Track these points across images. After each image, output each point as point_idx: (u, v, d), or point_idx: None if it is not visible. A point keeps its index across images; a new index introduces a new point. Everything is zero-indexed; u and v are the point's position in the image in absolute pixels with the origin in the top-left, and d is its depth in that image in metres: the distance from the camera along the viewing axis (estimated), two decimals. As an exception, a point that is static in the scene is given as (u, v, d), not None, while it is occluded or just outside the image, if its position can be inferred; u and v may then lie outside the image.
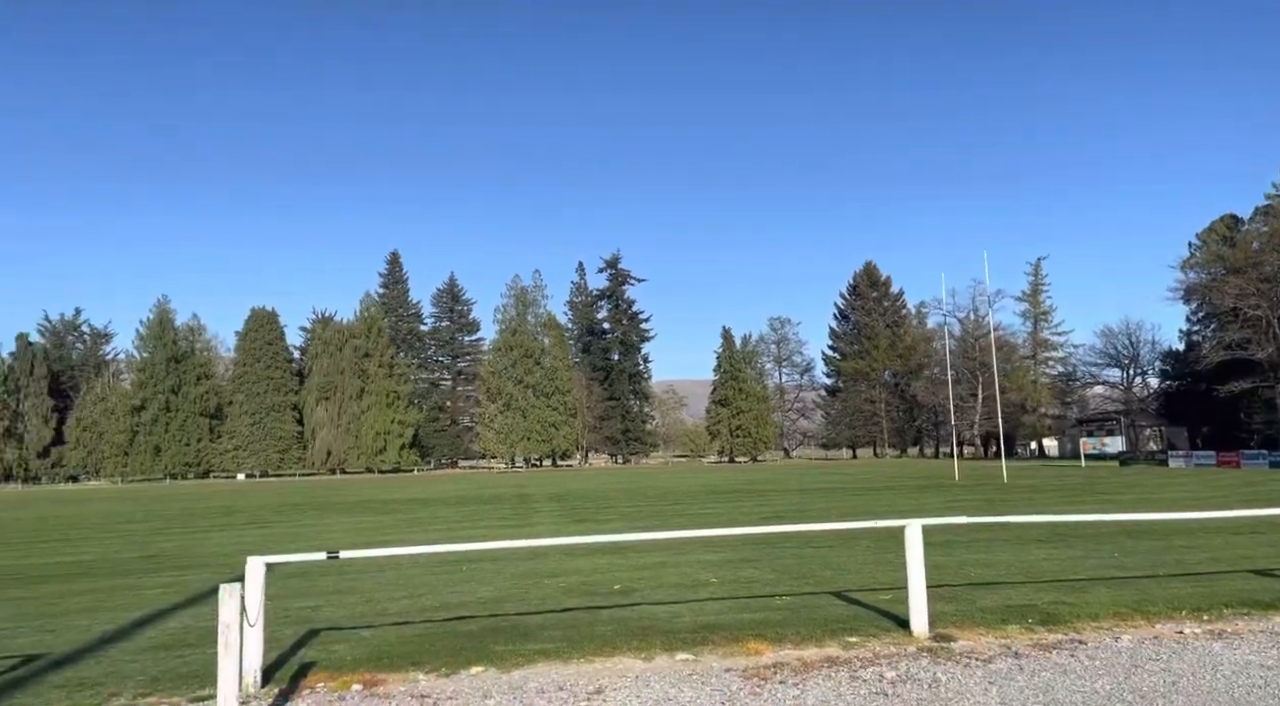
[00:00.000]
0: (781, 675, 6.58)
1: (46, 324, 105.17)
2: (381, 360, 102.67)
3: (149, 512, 32.38)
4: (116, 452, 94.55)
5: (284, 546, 17.83)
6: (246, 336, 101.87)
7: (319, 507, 32.20)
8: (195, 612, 10.11)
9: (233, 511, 31.27)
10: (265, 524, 24.81)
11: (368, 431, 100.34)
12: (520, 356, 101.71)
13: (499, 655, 7.36)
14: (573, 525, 20.81)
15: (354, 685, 6.66)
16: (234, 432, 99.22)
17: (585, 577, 11.65)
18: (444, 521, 23.67)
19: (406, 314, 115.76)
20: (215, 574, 13.76)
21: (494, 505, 30.06)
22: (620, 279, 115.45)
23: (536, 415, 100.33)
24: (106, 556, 17.09)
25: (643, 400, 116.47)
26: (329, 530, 21.83)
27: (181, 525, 25.32)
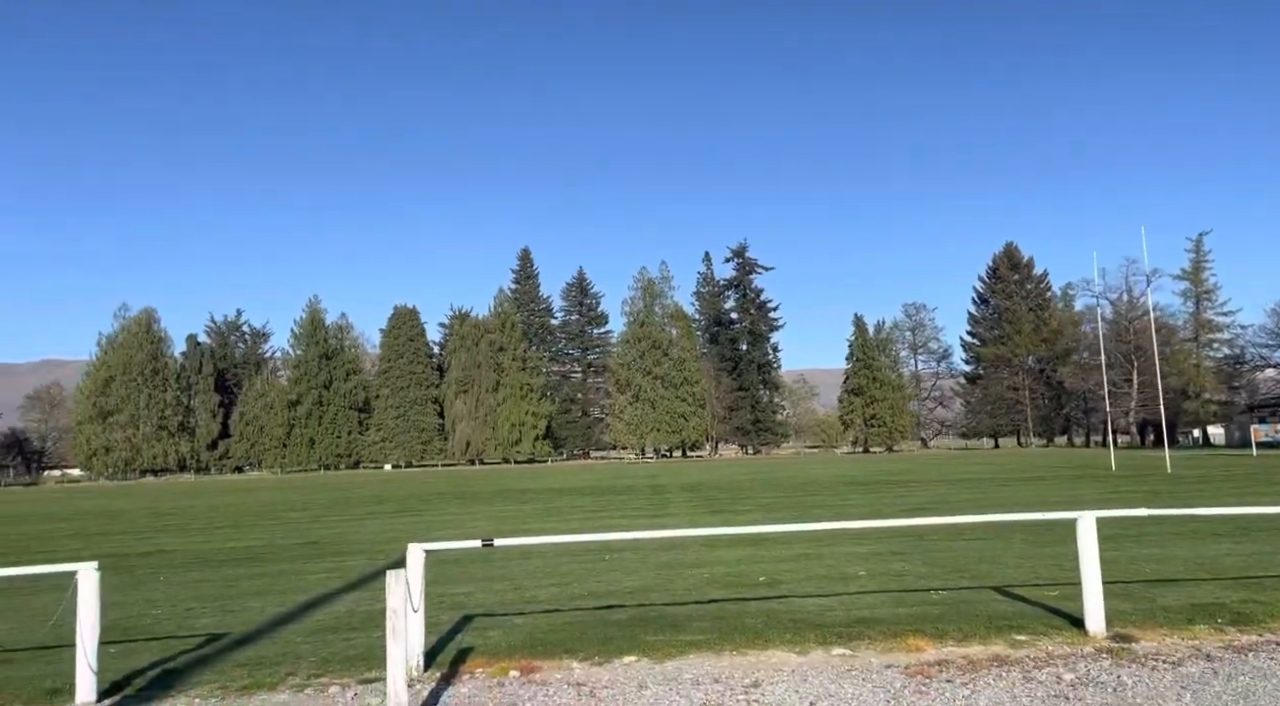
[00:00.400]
0: (947, 673, 6.27)
1: (212, 325, 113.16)
2: (515, 354, 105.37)
3: (306, 501, 34.29)
4: (275, 445, 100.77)
5: (433, 534, 18.50)
6: (390, 333, 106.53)
7: (461, 497, 33.29)
8: (356, 597, 10.56)
9: (382, 500, 32.72)
10: (414, 512, 25.82)
11: (503, 423, 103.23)
12: (648, 348, 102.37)
13: (651, 645, 7.33)
14: (709, 516, 20.72)
15: (511, 671, 6.76)
16: (380, 425, 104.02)
17: (729, 569, 11.52)
18: (581, 511, 24.02)
19: (538, 309, 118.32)
20: (371, 560, 14.39)
21: (628, 495, 30.31)
22: (747, 268, 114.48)
23: (665, 406, 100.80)
24: (272, 543, 18.14)
25: (772, 390, 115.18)
26: (473, 518, 22.50)
27: (337, 513, 26.66)
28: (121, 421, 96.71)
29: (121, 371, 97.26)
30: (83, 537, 21.87)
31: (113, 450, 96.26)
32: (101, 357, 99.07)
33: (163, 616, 9.66)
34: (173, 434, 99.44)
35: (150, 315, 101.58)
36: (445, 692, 6.34)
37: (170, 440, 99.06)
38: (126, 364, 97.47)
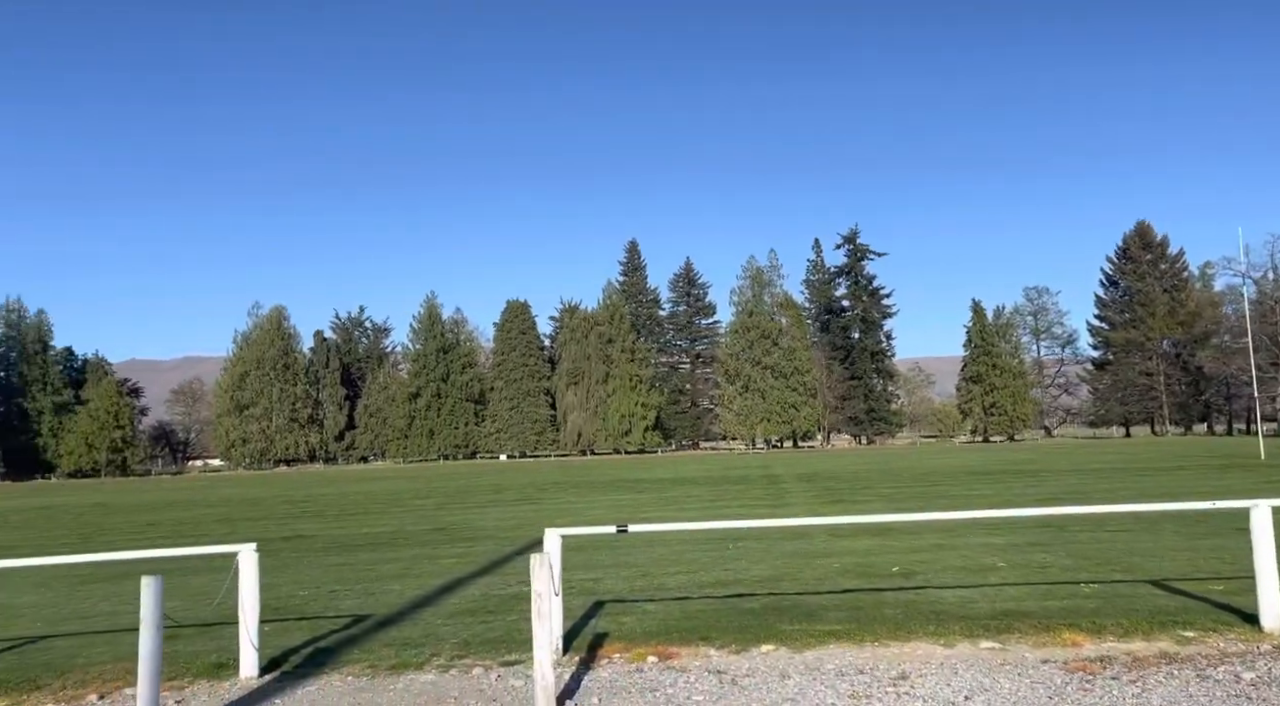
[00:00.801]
0: (1111, 670, 5.91)
1: (337, 321, 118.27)
2: (624, 345, 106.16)
3: (429, 490, 35.43)
4: (398, 436, 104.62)
5: (554, 521, 18.79)
6: (503, 327, 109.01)
7: (576, 486, 33.75)
8: (488, 582, 10.79)
9: (501, 489, 33.50)
10: (533, 501, 26.31)
11: (613, 414, 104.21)
12: (757, 337, 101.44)
13: (788, 634, 7.21)
14: (830, 506, 20.34)
15: (649, 657, 6.75)
16: (495, 416, 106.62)
17: (858, 559, 11.25)
18: (697, 500, 23.97)
19: (646, 300, 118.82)
20: (498, 546, 14.71)
21: (743, 485, 30.09)
22: (859, 254, 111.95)
23: (776, 396, 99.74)
24: (403, 529, 18.78)
25: (886, 378, 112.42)
26: (591, 507, 22.76)
27: (459, 501, 27.43)
28: (256, 414, 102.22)
29: (255, 366, 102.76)
30: (228, 523, 23.18)
31: (249, 441, 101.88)
32: (237, 353, 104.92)
33: (310, 597, 10.09)
34: (303, 426, 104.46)
35: (280, 312, 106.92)
36: (586, 676, 6.38)
37: (301, 431, 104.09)
38: (260, 359, 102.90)
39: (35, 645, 8.11)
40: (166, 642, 7.97)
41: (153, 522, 24.45)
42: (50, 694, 6.48)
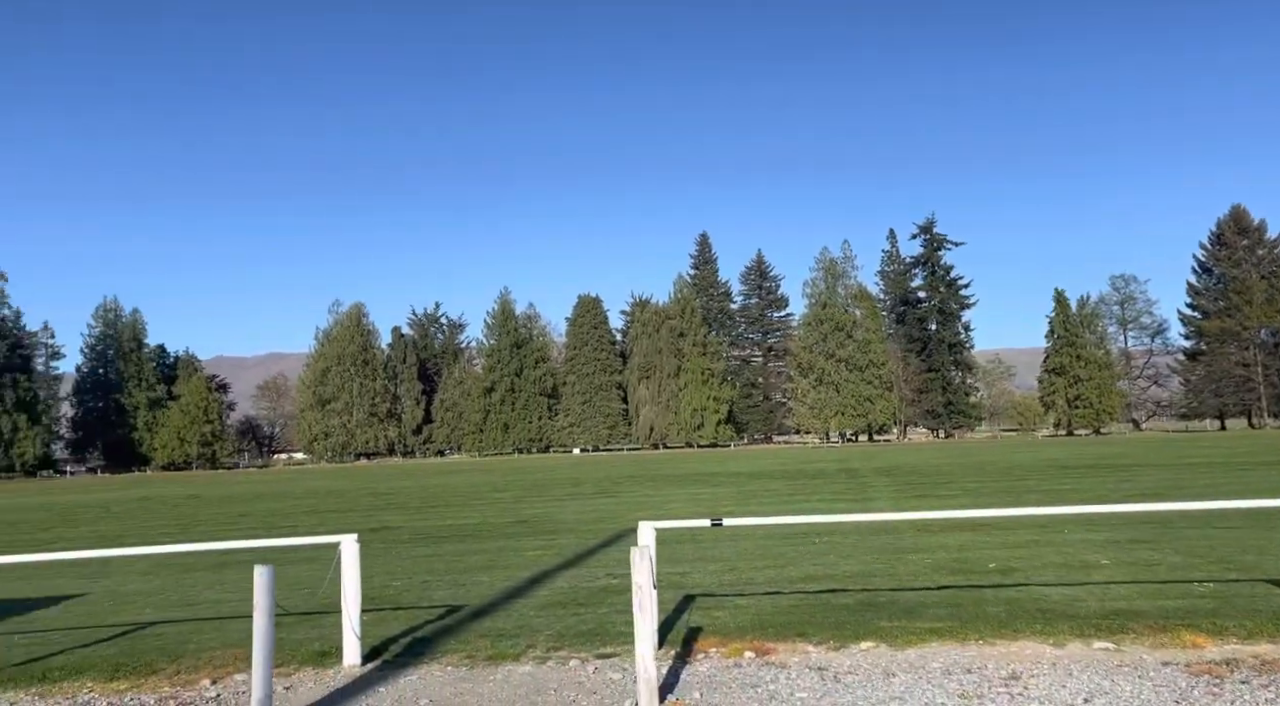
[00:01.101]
0: (1240, 673, 5.61)
1: (414, 317, 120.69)
2: (695, 339, 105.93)
3: (507, 483, 35.87)
4: (473, 430, 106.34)
5: (634, 515, 18.81)
6: (575, 322, 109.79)
7: (652, 480, 33.77)
8: (575, 574, 10.83)
9: (579, 482, 33.72)
10: (610, 494, 26.41)
11: (685, 408, 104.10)
12: (831, 330, 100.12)
13: (887, 631, 7.03)
14: (914, 500, 19.91)
15: (746, 652, 6.67)
16: (568, 410, 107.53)
17: (952, 554, 10.96)
18: (776, 494, 23.74)
19: (717, 293, 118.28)
20: (580, 539, 14.78)
21: (821, 480, 29.71)
22: (935, 244, 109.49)
23: (850, 389, 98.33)
24: (485, 521, 19.03)
25: (965, 371, 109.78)
26: (669, 500, 22.73)
27: (537, 494, 27.69)
28: (337, 408, 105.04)
29: (336, 362, 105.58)
30: (316, 514, 23.83)
31: (331, 435, 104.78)
32: (319, 350, 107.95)
33: (403, 588, 10.27)
34: (382, 420, 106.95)
35: (360, 309, 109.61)
36: (684, 670, 6.32)
37: (380, 426, 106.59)
38: (340, 355, 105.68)
39: (146, 631, 8.42)
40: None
41: (244, 514, 25.28)
42: (165, 678, 6.71)
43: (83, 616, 9.33)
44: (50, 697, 6.39)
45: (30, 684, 6.69)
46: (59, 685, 6.64)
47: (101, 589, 11.24)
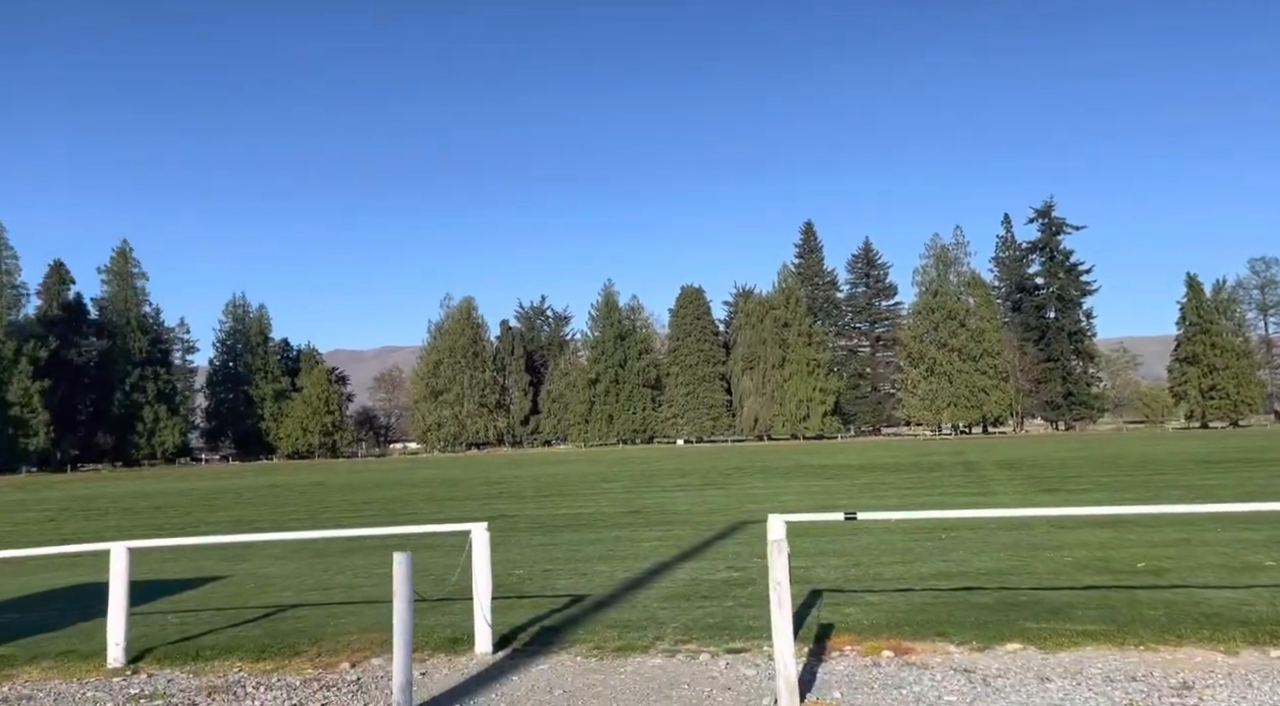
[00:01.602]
0: None
1: (521, 310, 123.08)
2: (800, 329, 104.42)
3: (616, 473, 36.11)
4: (579, 420, 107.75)
5: (747, 507, 18.60)
6: (678, 313, 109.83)
7: (761, 471, 33.40)
8: (695, 567, 10.71)
9: (685, 474, 33.65)
10: (719, 486, 26.23)
11: (790, 399, 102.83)
12: (943, 318, 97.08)
13: (1034, 633, 6.65)
14: (1043, 495, 19.02)
15: (883, 651, 6.41)
16: (672, 401, 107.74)
17: (1093, 552, 10.36)
18: (893, 487, 23.10)
19: (822, 282, 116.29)
20: (696, 530, 14.66)
21: (938, 472, 28.77)
22: (1054, 228, 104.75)
23: (964, 379, 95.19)
24: (599, 511, 19.14)
25: (1086, 360, 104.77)
26: (781, 492, 22.40)
27: (646, 485, 27.74)
28: (449, 399, 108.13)
29: (448, 354, 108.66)
30: (434, 502, 24.48)
31: (443, 425, 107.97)
32: (431, 343, 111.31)
33: (525, 576, 10.37)
34: (491, 410, 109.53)
35: (470, 303, 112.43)
36: (820, 668, 6.12)
37: (489, 416, 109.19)
38: (451, 348, 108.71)
39: (287, 613, 8.72)
40: (402, 615, 8.39)
41: (366, 501, 26.19)
42: (307, 660, 6.91)
43: (228, 597, 9.76)
44: (203, 676, 6.66)
45: (184, 661, 7.00)
46: (210, 663, 6.93)
47: (243, 571, 11.76)
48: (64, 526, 21.58)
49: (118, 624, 7.00)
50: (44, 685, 6.58)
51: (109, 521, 22.55)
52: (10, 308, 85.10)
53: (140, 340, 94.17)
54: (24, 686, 6.57)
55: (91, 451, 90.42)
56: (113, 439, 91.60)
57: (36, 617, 9.04)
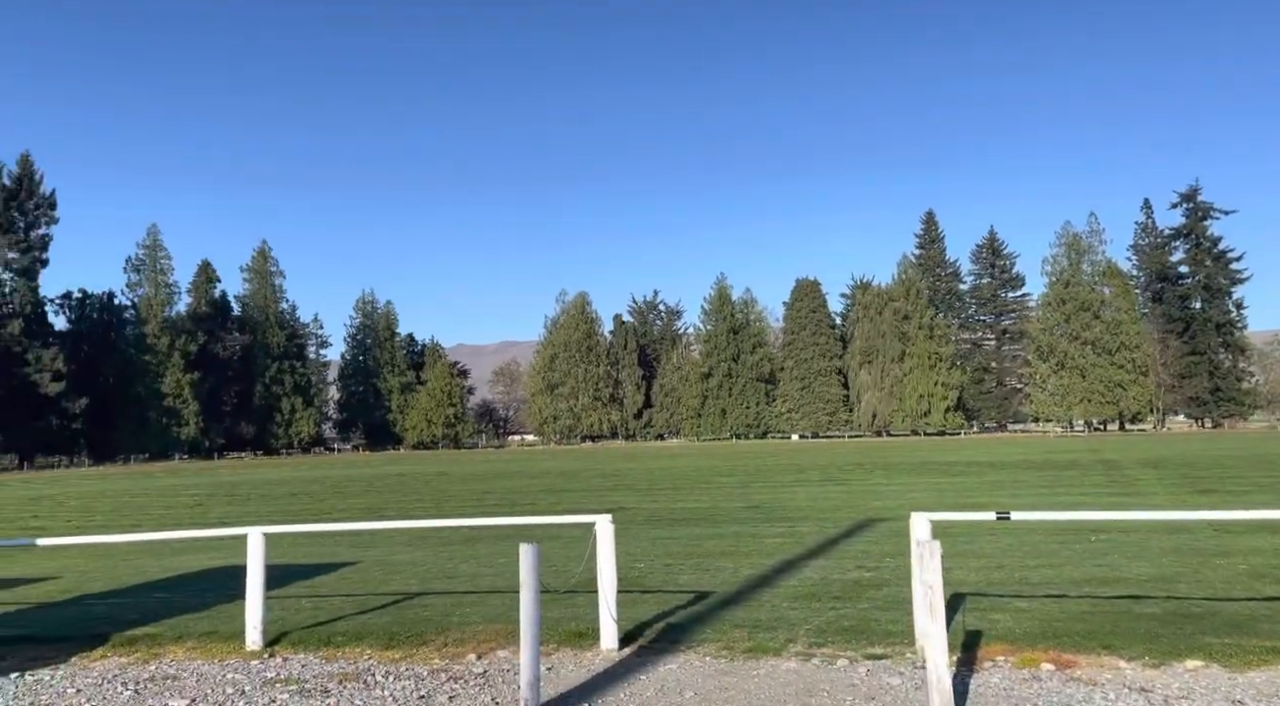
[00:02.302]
0: None
1: (633, 304, 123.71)
2: (921, 322, 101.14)
3: (731, 467, 35.69)
4: (691, 414, 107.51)
5: (871, 504, 17.94)
6: (793, 306, 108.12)
7: (882, 468, 32.35)
8: (823, 565, 10.28)
9: (803, 469, 32.93)
10: (839, 481, 25.50)
11: (910, 394, 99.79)
12: (1075, 310, 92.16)
13: (1216, 648, 5.98)
14: (1199, 496, 17.59)
15: (1043, 663, 5.88)
16: (786, 396, 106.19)
17: (1269, 560, 9.41)
18: (1028, 486, 21.90)
19: (944, 273, 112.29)
20: (820, 527, 14.17)
21: (1075, 471, 27.17)
22: (1200, 214, 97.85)
23: (1098, 374, 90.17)
24: (716, 505, 18.83)
25: (1236, 353, 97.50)
26: (908, 489, 21.54)
27: (763, 480, 27.24)
28: (564, 393, 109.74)
29: (563, 349, 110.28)
30: (553, 493, 24.69)
31: (559, 418, 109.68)
32: (547, 338, 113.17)
33: (647, 570, 10.17)
34: (605, 404, 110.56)
35: (584, 298, 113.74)
36: (973, 680, 5.65)
37: (603, 410, 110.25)
38: (566, 342, 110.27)
39: (414, 601, 8.78)
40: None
41: (488, 491, 26.67)
42: (435, 649, 6.88)
43: (358, 583, 9.94)
44: (334, 661, 6.71)
45: (317, 646, 7.09)
46: (342, 649, 6.98)
47: (371, 558, 12.00)
48: (210, 511, 22.77)
49: (255, 607, 7.14)
50: (187, 665, 6.77)
51: (249, 507, 23.67)
52: (165, 305, 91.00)
53: (278, 335, 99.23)
54: (169, 665, 6.77)
55: (235, 440, 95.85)
56: (254, 428, 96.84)
57: (182, 598, 9.41)
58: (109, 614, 8.58)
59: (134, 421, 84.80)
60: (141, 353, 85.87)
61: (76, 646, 7.29)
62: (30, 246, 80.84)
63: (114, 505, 26.11)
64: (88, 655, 7.06)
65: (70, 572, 11.80)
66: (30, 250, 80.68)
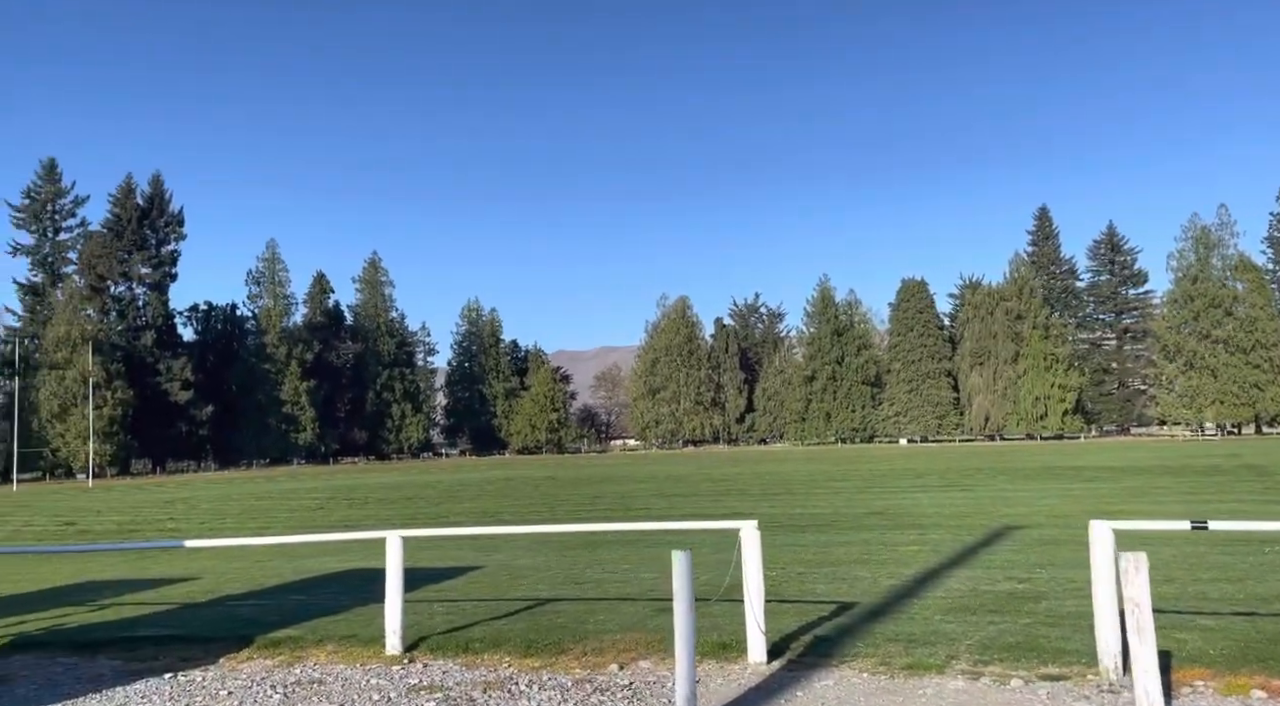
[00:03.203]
0: None
1: (734, 308, 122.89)
2: (1035, 322, 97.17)
3: (844, 472, 34.79)
4: (795, 418, 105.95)
5: (1001, 510, 17.07)
6: (899, 307, 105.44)
7: (1004, 473, 30.96)
8: (969, 575, 9.69)
9: (920, 474, 31.82)
10: (963, 487, 24.48)
11: (1025, 396, 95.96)
12: (1205, 307, 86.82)
13: None
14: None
15: (1253, 690, 5.26)
16: (893, 400, 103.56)
17: None
18: (1171, 492, 20.51)
19: (1059, 271, 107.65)
20: (954, 534, 13.49)
21: (1219, 476, 25.39)
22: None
23: (1231, 374, 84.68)
24: (837, 511, 18.24)
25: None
26: (1041, 495, 20.44)
27: (880, 485, 26.38)
28: (666, 397, 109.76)
29: (664, 353, 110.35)
30: (664, 497, 24.49)
31: (660, 422, 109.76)
32: (648, 342, 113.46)
33: (780, 578, 9.78)
34: (706, 408, 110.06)
35: (684, 302, 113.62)
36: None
37: (705, 414, 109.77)
38: (667, 347, 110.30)
39: (545, 607, 8.63)
40: (662, 617, 8.05)
41: (598, 495, 26.66)
42: (574, 659, 6.68)
43: (487, 588, 9.88)
44: (475, 668, 6.59)
45: (456, 652, 6.98)
46: (480, 656, 6.86)
47: (495, 562, 11.98)
48: (332, 514, 23.44)
49: (394, 612, 7.09)
50: (330, 668, 6.76)
51: (368, 510, 24.27)
52: (283, 315, 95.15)
53: (389, 343, 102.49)
54: (313, 669, 6.77)
55: (348, 445, 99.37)
56: (366, 434, 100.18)
57: (318, 600, 9.52)
58: (251, 615, 8.73)
59: (255, 427, 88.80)
60: (261, 361, 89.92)
61: (223, 647, 7.39)
62: (161, 262, 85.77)
63: (241, 508, 27.19)
64: (234, 656, 7.14)
65: (209, 573, 12.18)
66: (161, 265, 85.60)
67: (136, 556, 15.06)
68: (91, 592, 10.85)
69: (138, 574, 12.61)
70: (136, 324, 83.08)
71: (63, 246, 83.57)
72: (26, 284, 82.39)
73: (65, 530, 21.90)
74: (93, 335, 74.04)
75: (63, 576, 12.63)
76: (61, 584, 11.85)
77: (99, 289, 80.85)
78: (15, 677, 6.76)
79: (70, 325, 74.02)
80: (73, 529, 22.23)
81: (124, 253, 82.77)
